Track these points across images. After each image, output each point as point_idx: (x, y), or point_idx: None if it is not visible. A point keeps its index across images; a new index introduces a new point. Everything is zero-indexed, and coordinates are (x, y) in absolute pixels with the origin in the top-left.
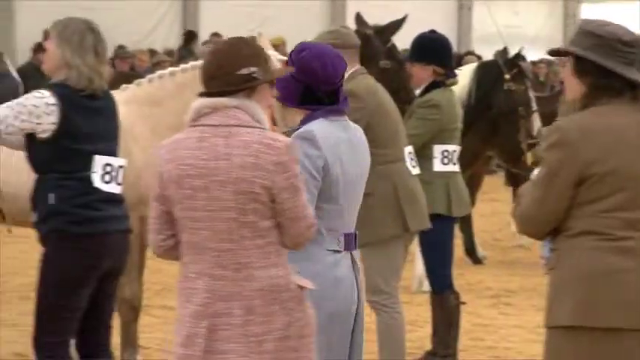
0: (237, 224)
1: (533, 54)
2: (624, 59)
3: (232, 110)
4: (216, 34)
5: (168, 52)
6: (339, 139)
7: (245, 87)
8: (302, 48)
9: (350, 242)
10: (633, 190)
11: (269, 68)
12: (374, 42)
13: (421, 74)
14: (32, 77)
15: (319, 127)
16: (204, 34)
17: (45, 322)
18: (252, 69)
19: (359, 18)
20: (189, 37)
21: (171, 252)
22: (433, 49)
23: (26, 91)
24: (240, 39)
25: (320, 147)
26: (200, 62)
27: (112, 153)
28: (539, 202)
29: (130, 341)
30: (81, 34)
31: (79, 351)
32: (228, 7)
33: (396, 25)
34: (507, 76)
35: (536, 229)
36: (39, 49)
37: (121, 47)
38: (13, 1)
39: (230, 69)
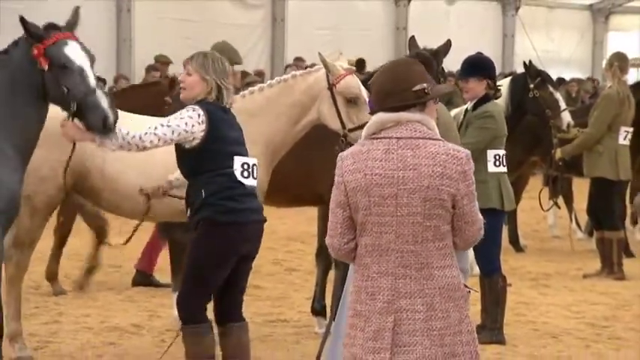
0: (422, 228)
1: (567, 74)
2: None
3: (415, 124)
4: (299, 59)
5: (258, 73)
6: None
7: (419, 102)
8: None
9: None
10: None
11: (435, 84)
12: (433, 64)
13: (477, 88)
14: None
15: None
16: (289, 58)
17: (188, 289)
18: (425, 85)
19: (413, 41)
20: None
21: (350, 254)
22: (486, 66)
23: None
24: (408, 59)
25: None
26: (284, 77)
27: (245, 154)
28: None
29: None
30: (222, 62)
31: (218, 315)
32: (310, 35)
33: (446, 49)
34: (532, 85)
35: None
36: (150, 70)
37: None
38: (133, 32)
39: (406, 86)
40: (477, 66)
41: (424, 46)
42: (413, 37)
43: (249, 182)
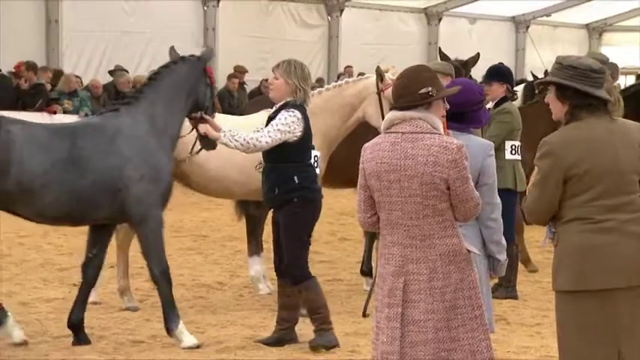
0: (422, 206)
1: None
2: (595, 83)
3: (417, 121)
4: (349, 67)
5: (318, 80)
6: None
7: (424, 103)
8: (452, 82)
9: None
10: (607, 183)
11: (442, 88)
12: (462, 71)
13: (497, 91)
14: (226, 98)
15: None
16: (341, 68)
17: (297, 255)
18: (430, 89)
19: (442, 52)
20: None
21: (374, 225)
22: (506, 74)
23: (223, 109)
24: (420, 66)
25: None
26: (338, 82)
27: (314, 148)
28: (538, 199)
29: None
30: (301, 68)
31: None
32: (358, 48)
33: (474, 60)
34: (537, 91)
35: (538, 219)
36: (230, 77)
37: None
38: (218, 46)
39: (414, 89)
40: (499, 73)
41: (455, 57)
42: (439, 48)
43: (317, 170)
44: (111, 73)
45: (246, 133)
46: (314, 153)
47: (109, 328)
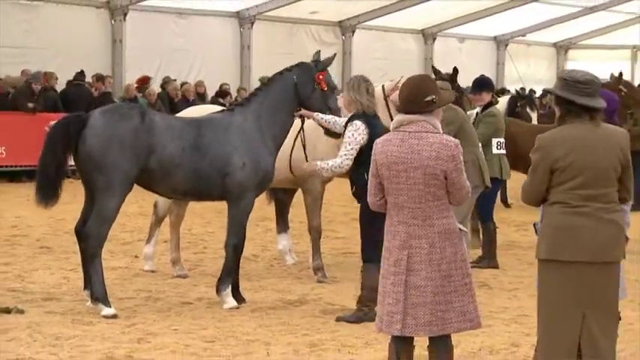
0: (424, 192)
1: (538, 89)
2: (580, 92)
3: (422, 122)
4: None
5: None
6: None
7: (430, 109)
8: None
9: None
10: (587, 176)
11: (442, 95)
12: (452, 83)
13: (486, 98)
14: None
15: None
16: None
17: (361, 240)
18: (433, 96)
19: (434, 68)
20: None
21: (382, 207)
22: (492, 84)
23: None
24: (424, 76)
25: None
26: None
27: None
28: (529, 184)
29: (317, 250)
30: (358, 82)
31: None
32: (367, 63)
33: (456, 73)
34: (519, 104)
35: (530, 201)
36: None
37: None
38: (252, 61)
39: (421, 97)
40: (488, 84)
41: (446, 72)
42: (433, 65)
43: None
44: (161, 86)
45: (334, 161)
46: None
47: (163, 291)
